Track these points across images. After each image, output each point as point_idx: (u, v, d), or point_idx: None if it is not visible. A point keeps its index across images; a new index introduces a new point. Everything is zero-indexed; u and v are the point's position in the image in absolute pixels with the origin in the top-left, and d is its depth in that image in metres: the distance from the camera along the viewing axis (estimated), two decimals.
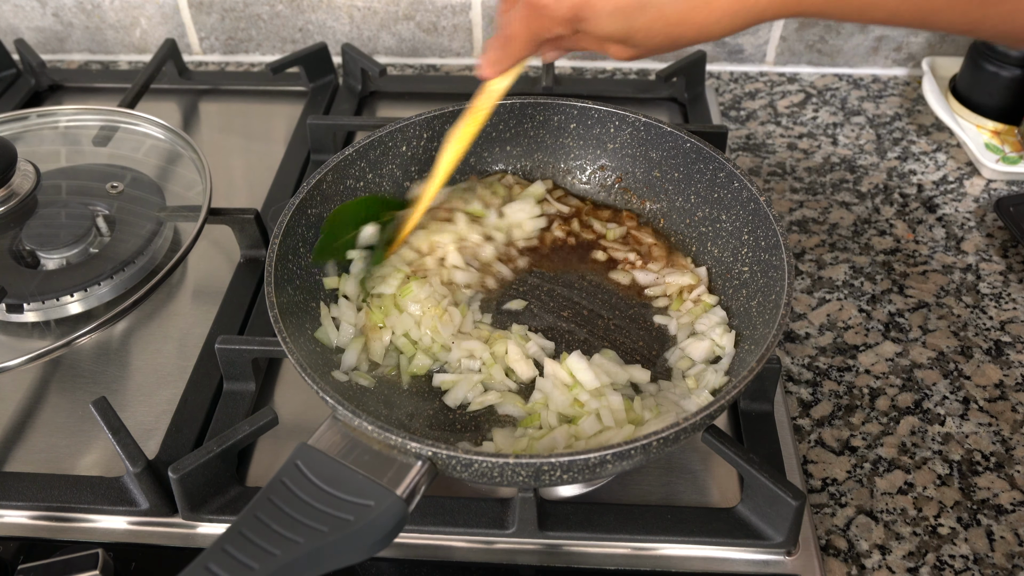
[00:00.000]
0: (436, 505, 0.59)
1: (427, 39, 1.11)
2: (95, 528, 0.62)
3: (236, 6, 1.10)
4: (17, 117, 0.88)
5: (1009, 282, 0.79)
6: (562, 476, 0.50)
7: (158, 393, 0.70)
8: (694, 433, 0.52)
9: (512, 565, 0.59)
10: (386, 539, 0.47)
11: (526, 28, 0.53)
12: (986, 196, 0.88)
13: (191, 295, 0.79)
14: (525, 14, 0.52)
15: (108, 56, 1.16)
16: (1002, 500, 0.62)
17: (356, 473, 0.49)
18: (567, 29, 0.51)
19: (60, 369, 0.73)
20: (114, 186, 0.82)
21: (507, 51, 0.56)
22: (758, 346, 0.57)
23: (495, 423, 0.61)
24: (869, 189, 0.89)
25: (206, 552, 0.45)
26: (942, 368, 0.72)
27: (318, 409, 0.67)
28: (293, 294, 0.63)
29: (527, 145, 0.77)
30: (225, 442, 0.59)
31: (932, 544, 0.60)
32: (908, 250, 0.82)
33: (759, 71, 1.08)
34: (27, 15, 1.13)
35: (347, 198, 0.71)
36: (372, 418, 0.50)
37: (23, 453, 0.66)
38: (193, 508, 0.59)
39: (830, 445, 0.66)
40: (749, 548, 0.58)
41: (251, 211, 0.78)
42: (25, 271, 0.76)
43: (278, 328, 0.56)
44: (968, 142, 0.91)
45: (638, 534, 0.58)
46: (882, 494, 0.63)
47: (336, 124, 0.91)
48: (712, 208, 0.70)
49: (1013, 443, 0.66)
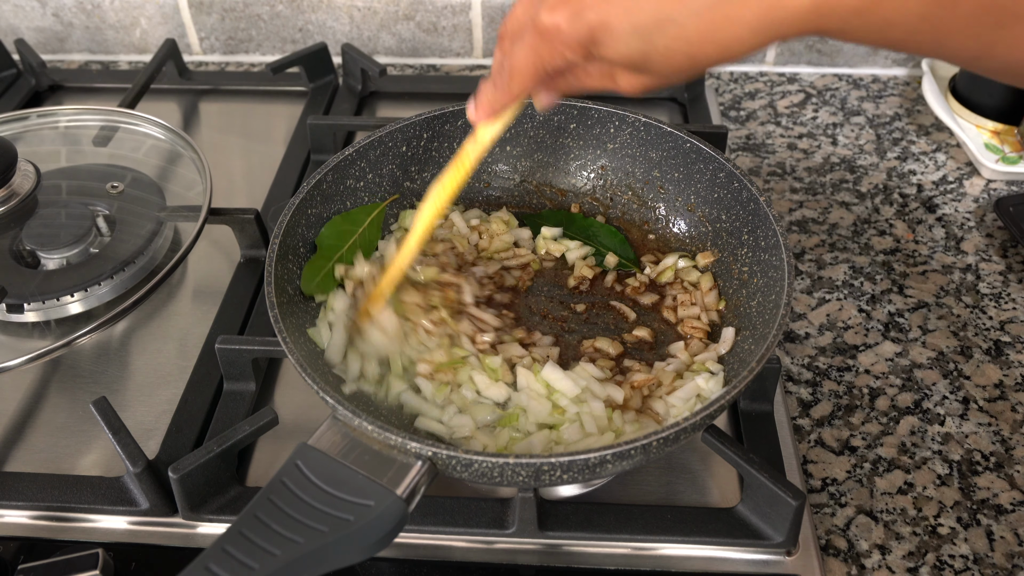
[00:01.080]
0: (436, 505, 0.59)
1: (427, 39, 1.11)
2: (95, 528, 0.62)
3: (236, 6, 1.10)
4: (17, 117, 0.88)
5: (1009, 282, 0.79)
6: (562, 476, 0.50)
7: (158, 393, 0.70)
8: (694, 433, 0.52)
9: (512, 565, 0.59)
10: (386, 539, 0.47)
11: (533, 58, 0.48)
12: (986, 196, 0.88)
13: (191, 295, 0.79)
14: (532, 43, 0.48)
15: (108, 56, 1.17)
16: (1002, 500, 0.62)
17: (356, 473, 0.49)
18: (580, 55, 0.47)
19: (60, 369, 0.73)
20: (114, 186, 0.82)
21: (507, 88, 0.51)
22: (758, 346, 0.57)
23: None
24: (869, 189, 0.89)
25: (206, 552, 0.45)
26: (942, 368, 0.72)
27: (318, 409, 0.67)
28: (293, 294, 0.63)
29: (527, 145, 0.77)
30: (225, 442, 0.59)
31: (932, 544, 0.60)
32: (908, 250, 0.82)
33: (759, 71, 1.08)
34: (27, 15, 1.13)
35: (347, 198, 0.71)
36: (372, 418, 0.50)
37: (23, 453, 0.66)
38: (193, 508, 0.59)
39: (830, 445, 0.66)
40: (749, 548, 0.58)
41: (251, 211, 0.78)
42: (25, 271, 0.76)
43: (278, 328, 0.56)
44: (968, 142, 0.91)
45: (638, 534, 0.58)
46: (882, 494, 0.63)
47: (336, 124, 0.91)
48: (712, 208, 0.70)
49: (1013, 443, 0.66)
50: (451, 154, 0.74)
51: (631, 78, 0.49)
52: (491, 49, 1.11)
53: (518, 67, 0.49)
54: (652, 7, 0.43)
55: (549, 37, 0.47)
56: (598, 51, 0.46)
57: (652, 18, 0.43)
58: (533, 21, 0.47)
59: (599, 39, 0.45)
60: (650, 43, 0.44)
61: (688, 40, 0.44)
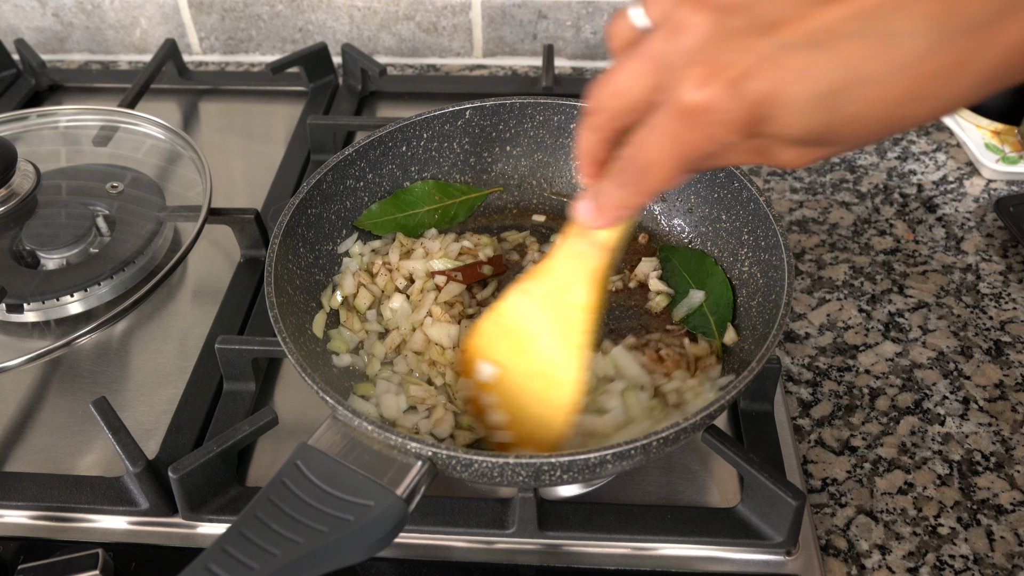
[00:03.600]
0: (436, 505, 0.59)
1: (427, 39, 1.11)
2: (95, 528, 0.62)
3: (236, 6, 1.10)
4: (17, 117, 0.88)
5: (1009, 282, 0.79)
6: (562, 476, 0.50)
7: (158, 393, 0.70)
8: (694, 433, 0.52)
9: (512, 565, 0.59)
10: (386, 539, 0.47)
11: (678, 146, 0.36)
12: (986, 196, 0.88)
13: (191, 295, 0.79)
14: (675, 127, 0.36)
15: (108, 56, 1.17)
16: (1002, 500, 0.62)
17: (356, 473, 0.49)
18: (742, 137, 0.35)
19: (60, 369, 0.73)
20: (114, 186, 0.82)
21: (642, 186, 0.39)
22: (758, 346, 0.57)
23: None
24: (869, 189, 0.89)
25: (206, 552, 0.45)
26: (942, 368, 0.72)
27: (318, 409, 0.67)
28: (293, 294, 0.63)
29: (527, 145, 0.77)
30: (225, 442, 0.59)
31: (932, 544, 0.60)
32: (908, 250, 0.82)
33: None
34: (27, 15, 1.13)
35: (347, 198, 0.71)
36: (372, 418, 0.50)
37: (23, 453, 0.66)
38: (193, 508, 0.59)
39: (830, 445, 0.66)
40: (749, 548, 0.58)
41: (251, 211, 0.78)
42: (25, 271, 0.76)
43: (278, 328, 0.56)
44: (968, 142, 0.91)
45: (638, 534, 0.58)
46: (882, 494, 0.63)
47: (336, 124, 0.91)
48: (712, 208, 0.70)
49: (1013, 443, 0.66)
50: (451, 154, 0.75)
51: (798, 153, 0.38)
52: (491, 49, 1.11)
53: (655, 160, 0.37)
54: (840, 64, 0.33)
55: (698, 120, 0.35)
56: (765, 129, 0.35)
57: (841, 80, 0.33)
58: (671, 98, 0.36)
59: (768, 115, 0.34)
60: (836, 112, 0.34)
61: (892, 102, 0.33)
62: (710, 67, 0.34)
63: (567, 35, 1.09)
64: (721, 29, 0.34)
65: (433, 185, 0.74)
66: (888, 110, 0.33)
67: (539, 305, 0.53)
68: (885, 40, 0.32)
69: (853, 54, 0.32)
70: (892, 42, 0.32)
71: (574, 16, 1.07)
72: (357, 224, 0.71)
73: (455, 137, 0.75)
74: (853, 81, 0.33)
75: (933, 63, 0.32)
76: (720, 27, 0.34)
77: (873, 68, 0.32)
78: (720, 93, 0.34)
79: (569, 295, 0.51)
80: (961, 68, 0.32)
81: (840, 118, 0.34)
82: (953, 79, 0.32)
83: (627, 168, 0.39)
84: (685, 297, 0.67)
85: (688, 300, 0.67)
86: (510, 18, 1.08)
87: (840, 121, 0.34)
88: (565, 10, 1.07)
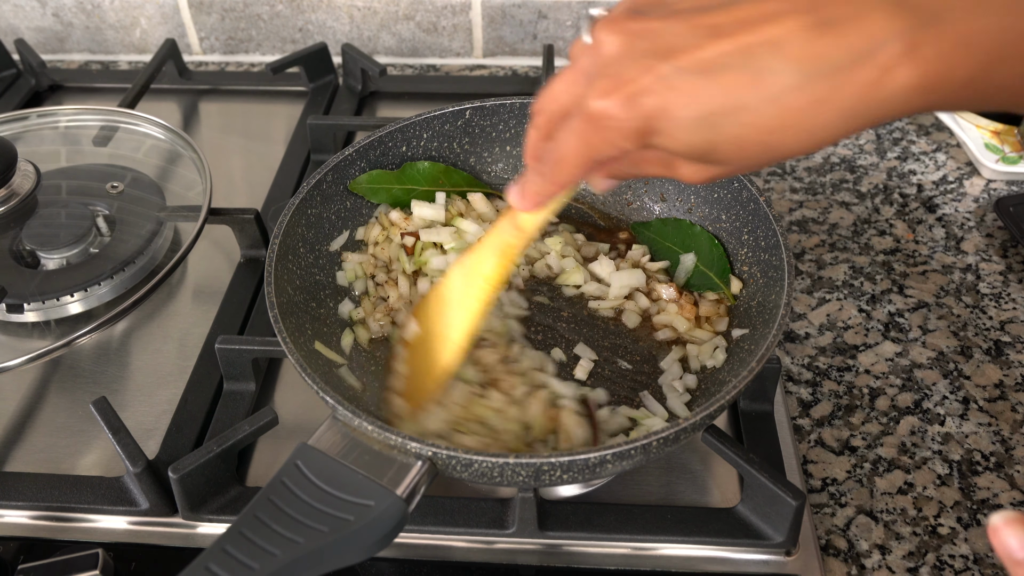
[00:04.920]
0: (436, 505, 0.59)
1: (427, 39, 1.11)
2: (95, 528, 0.62)
3: (236, 6, 1.10)
4: (17, 117, 0.88)
5: (1009, 282, 0.79)
6: (562, 476, 0.50)
7: (158, 393, 0.70)
8: (694, 433, 0.52)
9: (512, 565, 0.59)
10: (386, 539, 0.47)
11: (583, 146, 0.42)
12: (986, 196, 0.88)
13: (191, 295, 0.79)
14: (581, 129, 0.41)
15: (108, 56, 1.17)
16: (1002, 500, 0.62)
17: (356, 473, 0.49)
18: (635, 144, 0.41)
19: (60, 369, 0.73)
20: (114, 186, 0.82)
21: (554, 178, 0.45)
22: (758, 346, 0.57)
23: None
24: (869, 189, 0.89)
25: (206, 552, 0.45)
26: (942, 368, 0.72)
27: (318, 409, 0.67)
28: (293, 294, 0.63)
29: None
30: (225, 442, 0.59)
31: (932, 544, 0.60)
32: (908, 250, 0.82)
33: None
34: (27, 15, 1.13)
35: (347, 198, 0.71)
36: (372, 418, 0.50)
37: (23, 453, 0.66)
38: (193, 508, 0.59)
39: (830, 445, 0.66)
40: (749, 548, 0.58)
41: (251, 211, 0.78)
42: (25, 271, 0.76)
43: (278, 328, 0.56)
44: (968, 142, 0.91)
45: (638, 534, 0.58)
46: (882, 494, 0.63)
47: (336, 124, 0.91)
48: (712, 208, 0.70)
49: (1013, 443, 0.66)
50: (451, 154, 0.75)
51: (694, 168, 0.43)
52: (491, 49, 1.11)
53: (566, 156, 0.43)
54: (720, 91, 0.37)
55: (599, 125, 0.40)
56: (656, 141, 0.40)
57: (720, 104, 0.38)
58: (580, 105, 0.41)
59: (657, 128, 0.39)
60: (717, 132, 0.38)
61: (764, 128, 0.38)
62: (614, 81, 0.39)
63: (567, 35, 1.09)
64: (629, 50, 0.39)
65: (442, 169, 0.74)
66: (761, 136, 0.38)
67: (462, 274, 0.58)
68: (760, 75, 0.37)
69: (732, 83, 0.37)
70: (765, 77, 0.37)
71: (574, 16, 1.07)
72: (351, 187, 0.70)
73: (455, 137, 0.75)
74: (731, 107, 0.38)
75: (799, 97, 0.37)
76: (629, 48, 0.39)
77: (747, 97, 0.37)
78: (618, 104, 0.39)
79: (482, 267, 0.56)
80: (823, 104, 0.36)
81: (721, 138, 0.39)
82: (817, 113, 0.37)
83: (545, 160, 0.45)
84: (679, 265, 0.69)
85: (683, 266, 0.69)
86: (510, 18, 1.08)
87: (721, 140, 0.39)
88: (565, 10, 1.07)
